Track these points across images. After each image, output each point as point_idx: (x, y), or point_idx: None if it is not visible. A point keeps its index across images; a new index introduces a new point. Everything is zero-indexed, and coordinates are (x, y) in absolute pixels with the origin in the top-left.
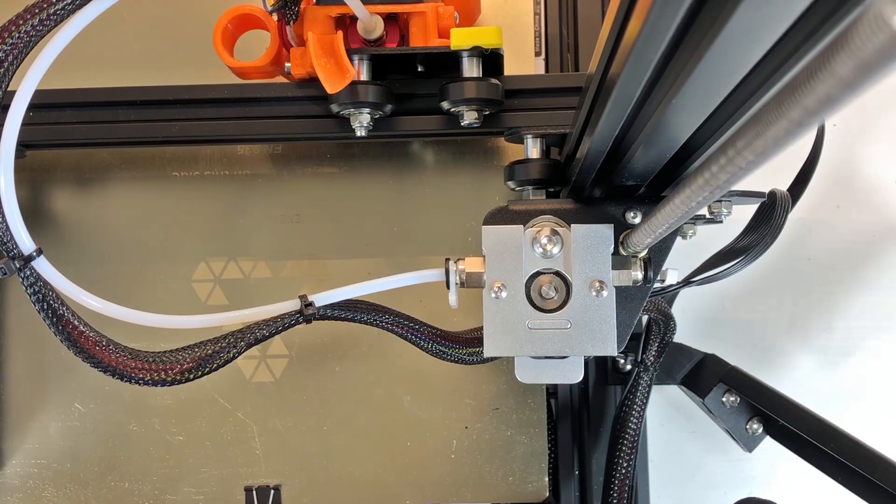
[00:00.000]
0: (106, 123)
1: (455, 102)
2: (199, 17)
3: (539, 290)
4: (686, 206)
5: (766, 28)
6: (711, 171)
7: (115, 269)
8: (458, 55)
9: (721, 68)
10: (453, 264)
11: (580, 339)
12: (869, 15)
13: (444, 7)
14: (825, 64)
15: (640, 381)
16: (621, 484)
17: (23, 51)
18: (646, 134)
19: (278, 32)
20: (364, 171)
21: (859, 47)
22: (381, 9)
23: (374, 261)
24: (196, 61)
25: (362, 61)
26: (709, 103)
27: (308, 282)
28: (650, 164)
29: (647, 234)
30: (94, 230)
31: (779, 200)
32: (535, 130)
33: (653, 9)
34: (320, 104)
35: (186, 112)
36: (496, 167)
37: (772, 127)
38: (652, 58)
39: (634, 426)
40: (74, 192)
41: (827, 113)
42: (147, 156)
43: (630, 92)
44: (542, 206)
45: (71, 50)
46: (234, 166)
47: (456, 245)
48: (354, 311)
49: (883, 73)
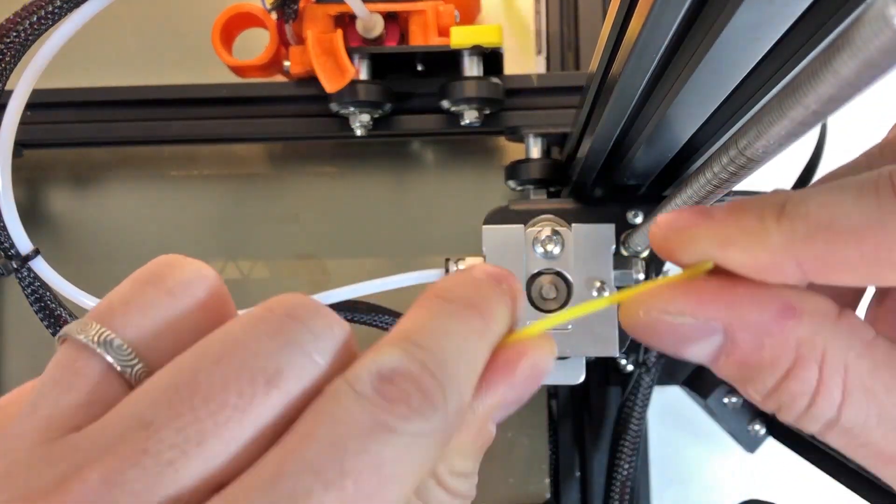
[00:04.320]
0: (104, 122)
1: (455, 101)
2: (197, 16)
3: (540, 290)
4: (688, 205)
5: (768, 27)
6: (713, 170)
7: (113, 268)
8: (459, 54)
9: (723, 67)
10: (453, 264)
11: (581, 340)
12: (870, 14)
13: (444, 5)
14: (827, 63)
15: (642, 383)
16: (622, 485)
17: (20, 49)
18: (647, 133)
19: (277, 31)
20: (364, 171)
21: (861, 46)
22: (381, 7)
23: (374, 261)
24: (194, 60)
25: (362, 60)
26: (710, 102)
27: (308, 282)
28: (651, 164)
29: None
30: (91, 230)
31: None
32: (535, 130)
33: (654, 7)
34: (319, 103)
35: (185, 111)
36: (496, 167)
37: (774, 126)
38: (653, 56)
39: (636, 427)
40: (72, 191)
41: (829, 112)
42: (145, 155)
43: (631, 91)
44: (543, 205)
45: (68, 49)
46: (232, 166)
47: (456, 245)
48: (354, 311)
49: (885, 72)
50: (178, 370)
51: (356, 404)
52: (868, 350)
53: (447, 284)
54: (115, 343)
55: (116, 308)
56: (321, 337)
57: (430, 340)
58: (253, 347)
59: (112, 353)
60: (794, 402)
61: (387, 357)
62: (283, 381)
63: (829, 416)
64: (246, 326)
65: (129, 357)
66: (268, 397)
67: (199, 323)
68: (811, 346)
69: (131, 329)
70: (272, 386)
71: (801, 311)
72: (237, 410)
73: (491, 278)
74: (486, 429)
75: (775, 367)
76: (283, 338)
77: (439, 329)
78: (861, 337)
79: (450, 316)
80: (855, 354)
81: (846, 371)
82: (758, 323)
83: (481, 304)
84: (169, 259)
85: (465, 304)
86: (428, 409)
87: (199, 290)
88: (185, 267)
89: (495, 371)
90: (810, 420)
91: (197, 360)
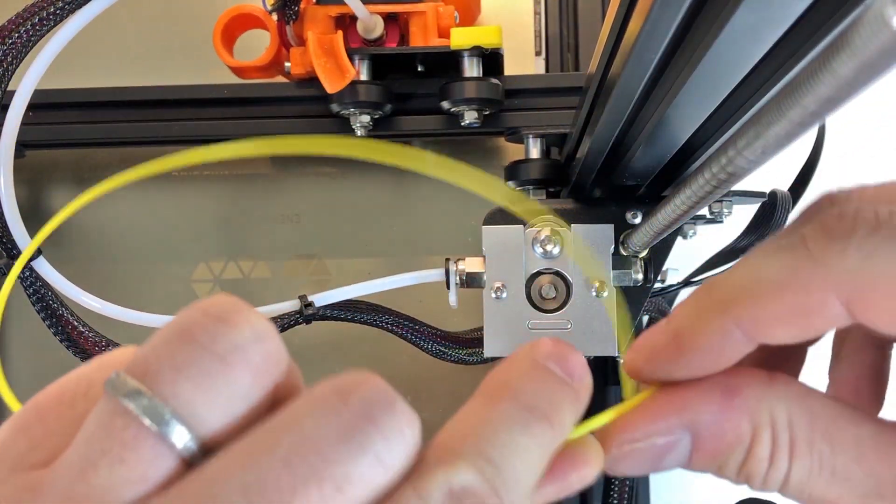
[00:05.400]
0: (105, 123)
1: (455, 102)
2: (198, 17)
3: (539, 290)
4: (687, 206)
5: (767, 28)
6: (712, 170)
7: (114, 269)
8: (459, 55)
9: (721, 68)
10: (453, 264)
11: (580, 340)
12: (869, 15)
13: (444, 7)
14: (826, 64)
15: None
16: (622, 484)
17: (22, 50)
18: (646, 134)
19: (278, 32)
20: (364, 171)
21: (860, 47)
22: (381, 8)
23: (374, 261)
24: (195, 61)
25: (362, 61)
26: (709, 103)
27: (308, 282)
28: (651, 164)
29: (648, 234)
30: (93, 230)
31: (779, 200)
32: (535, 130)
33: (653, 8)
34: (320, 104)
35: (186, 112)
36: (496, 167)
37: (772, 127)
38: (652, 57)
39: None
40: (74, 191)
41: (827, 113)
42: (146, 156)
43: (630, 91)
44: (543, 205)
45: (70, 49)
46: (233, 166)
47: (456, 245)
48: (354, 311)
49: (883, 73)
50: (245, 464)
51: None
52: (805, 402)
53: (521, 382)
54: (166, 417)
55: (166, 373)
56: (394, 441)
57: (501, 457)
58: (325, 450)
59: (164, 429)
60: (757, 472)
61: (461, 474)
62: (350, 487)
63: (784, 475)
64: (318, 419)
65: (182, 435)
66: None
67: (255, 393)
68: (760, 413)
69: (183, 401)
70: (340, 493)
71: (739, 385)
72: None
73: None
74: None
75: (740, 443)
76: (357, 441)
77: (511, 444)
78: (795, 391)
79: (523, 427)
80: (794, 409)
81: (790, 427)
82: (712, 412)
83: (552, 412)
84: (221, 312)
85: (538, 415)
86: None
87: (256, 356)
88: (239, 326)
89: (548, 478)
90: (771, 482)
91: (264, 457)
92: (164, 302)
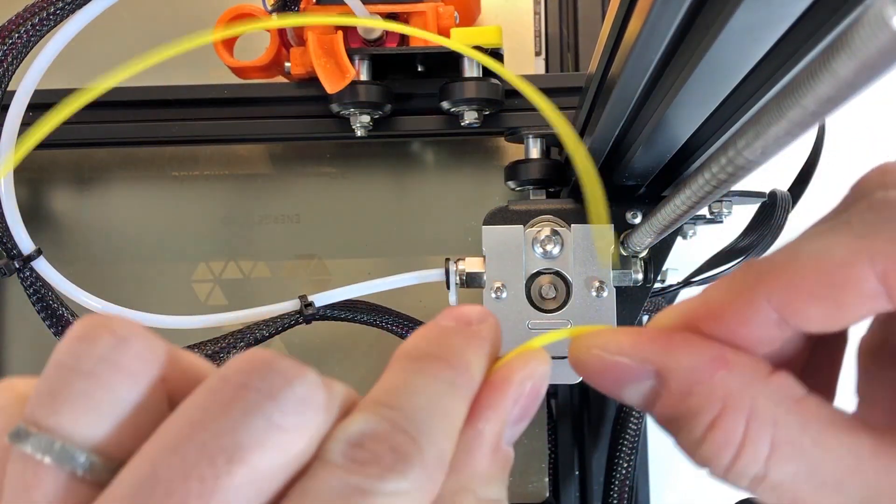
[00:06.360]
0: (105, 123)
1: (455, 102)
2: (198, 17)
3: (539, 290)
4: (686, 206)
5: (767, 28)
6: (712, 170)
7: (114, 269)
8: (459, 55)
9: (721, 68)
10: (453, 264)
11: None
12: (869, 15)
13: (444, 7)
14: (825, 64)
15: None
16: (621, 484)
17: (22, 50)
18: (646, 134)
19: (278, 32)
20: (364, 171)
21: (859, 47)
22: (381, 9)
23: (374, 261)
24: (196, 61)
25: (362, 61)
26: (709, 103)
27: (308, 282)
28: (650, 164)
29: (648, 234)
30: (93, 230)
31: (779, 200)
32: (535, 130)
33: (653, 8)
34: (320, 104)
35: (186, 112)
36: (496, 167)
37: (772, 127)
38: (652, 57)
39: (635, 426)
40: (74, 192)
41: (827, 113)
42: (146, 156)
43: (630, 92)
44: (543, 206)
45: (70, 49)
46: (233, 166)
47: (456, 245)
48: (354, 311)
49: (883, 73)
50: (137, 468)
51: (329, 474)
52: (798, 406)
53: (414, 341)
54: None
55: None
56: (286, 402)
57: (398, 400)
58: (210, 426)
59: (58, 459)
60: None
61: (356, 423)
62: (247, 454)
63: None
64: (200, 404)
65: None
66: (233, 476)
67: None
68: (739, 398)
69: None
70: (235, 463)
71: (732, 363)
72: (202, 498)
73: (459, 322)
74: (501, 451)
75: (702, 414)
76: (239, 409)
77: (408, 388)
78: (791, 394)
79: (417, 373)
80: (784, 410)
81: (775, 426)
82: (688, 368)
83: (448, 354)
84: (81, 332)
85: (431, 359)
86: (402, 464)
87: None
88: (98, 338)
89: (489, 393)
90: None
91: (155, 453)
92: (164, 302)
